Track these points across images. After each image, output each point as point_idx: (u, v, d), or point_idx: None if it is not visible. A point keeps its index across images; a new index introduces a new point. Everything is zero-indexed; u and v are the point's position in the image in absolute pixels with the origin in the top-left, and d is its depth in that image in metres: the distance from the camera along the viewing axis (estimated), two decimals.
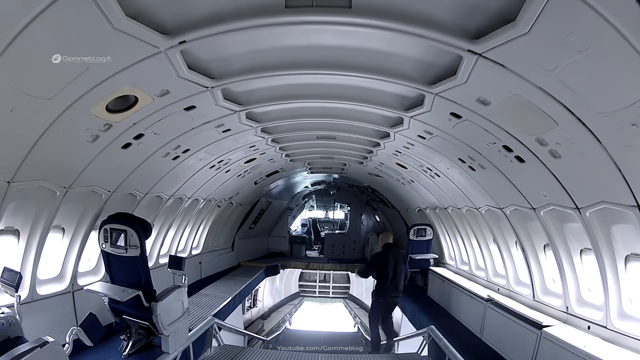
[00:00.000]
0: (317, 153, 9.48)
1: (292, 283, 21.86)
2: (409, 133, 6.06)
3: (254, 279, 11.90)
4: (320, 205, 27.21)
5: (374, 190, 14.51)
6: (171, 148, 6.06)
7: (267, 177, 11.53)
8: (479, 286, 8.20)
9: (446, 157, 6.41)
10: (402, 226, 13.96)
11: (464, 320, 8.00)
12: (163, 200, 7.69)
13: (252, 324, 16.07)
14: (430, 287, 10.17)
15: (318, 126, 6.87)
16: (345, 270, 16.75)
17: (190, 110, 5.00)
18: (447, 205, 8.99)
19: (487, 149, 5.26)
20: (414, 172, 8.43)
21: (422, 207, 10.95)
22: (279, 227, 17.53)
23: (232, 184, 10.02)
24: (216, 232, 11.78)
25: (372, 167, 10.20)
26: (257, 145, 7.61)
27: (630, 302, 4.55)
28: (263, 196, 14.14)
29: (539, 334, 5.47)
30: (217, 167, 8.06)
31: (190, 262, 10.17)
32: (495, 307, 6.88)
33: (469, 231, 8.77)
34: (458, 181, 7.24)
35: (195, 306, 8.33)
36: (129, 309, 5.70)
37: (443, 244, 10.68)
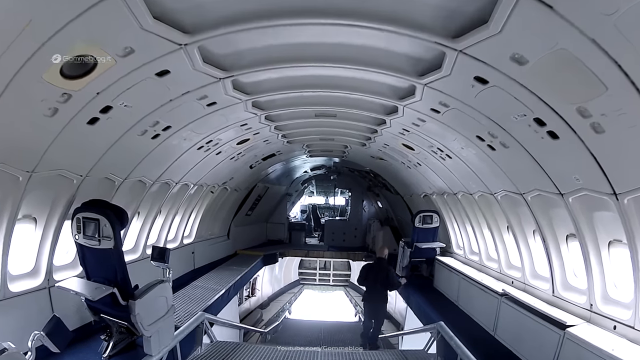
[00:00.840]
0: (317, 134, 8.72)
1: (291, 271, 21.36)
2: (420, 106, 5.28)
3: (250, 268, 11.31)
4: (320, 191, 26.47)
5: (377, 175, 13.79)
6: (148, 125, 5.31)
7: (264, 161, 10.79)
8: (490, 278, 7.56)
9: (462, 134, 5.65)
10: (405, 213, 13.29)
11: (474, 315, 7.39)
12: (146, 186, 6.98)
13: (251, 314, 15.59)
14: (437, 278, 9.56)
15: (317, 100, 6.09)
16: (346, 258, 16.20)
17: (164, 76, 4.23)
18: (457, 191, 8.26)
19: (513, 124, 4.52)
20: (422, 153, 7.67)
21: (428, 192, 10.24)
22: (277, 214, 16.89)
23: (224, 168, 9.29)
24: (210, 219, 11.12)
25: (376, 150, 9.45)
26: (250, 123, 6.85)
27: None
28: (260, 181, 13.42)
29: (562, 335, 4.91)
30: (206, 148, 7.32)
31: (182, 252, 9.56)
32: (510, 302, 6.28)
33: (480, 219, 8.08)
34: (473, 163, 6.50)
35: (185, 300, 7.74)
36: (105, 308, 5.15)
37: (450, 232, 10.01)
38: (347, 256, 15.65)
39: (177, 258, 9.21)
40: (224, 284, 9.00)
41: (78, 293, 4.81)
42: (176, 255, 9.19)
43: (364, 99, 5.86)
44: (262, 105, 6.15)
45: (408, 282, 9.90)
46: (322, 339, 12.27)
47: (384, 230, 14.75)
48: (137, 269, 7.44)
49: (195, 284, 8.93)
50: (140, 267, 7.58)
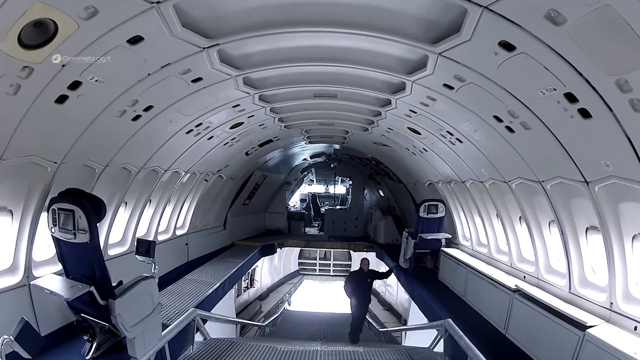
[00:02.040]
0: (316, 117, 8.14)
1: (291, 261, 21.00)
2: (431, 81, 4.70)
3: (247, 260, 10.85)
4: (320, 179, 25.86)
5: (379, 162, 13.24)
6: (127, 104, 4.76)
7: (260, 147, 10.23)
8: (500, 272, 7.09)
9: (477, 115, 5.09)
10: (409, 202, 12.77)
11: (483, 311, 6.94)
12: (132, 174, 6.44)
13: (249, 306, 15.24)
14: (442, 271, 9.09)
15: (316, 77, 5.51)
16: (346, 248, 15.77)
17: (137, 43, 3.65)
18: (466, 178, 7.72)
19: (539, 101, 3.97)
20: (429, 138, 7.11)
21: (433, 180, 9.70)
22: (276, 203, 16.40)
23: (218, 154, 8.74)
24: (205, 209, 10.60)
25: (378, 135, 8.88)
26: (242, 104, 6.27)
27: None
28: (257, 169, 12.88)
29: (582, 336, 4.52)
30: (196, 132, 6.75)
31: (175, 244, 9.08)
32: (524, 299, 5.84)
33: (490, 209, 7.57)
34: (486, 148, 5.95)
35: (177, 296, 7.29)
36: (85, 307, 4.74)
37: (456, 222, 9.50)
38: (348, 246, 15.21)
39: (169, 250, 8.76)
40: (219, 277, 8.54)
41: (52, 292, 4.39)
42: (168, 248, 8.73)
43: (367, 76, 5.28)
44: (254, 83, 5.56)
45: (412, 275, 9.46)
46: (322, 332, 11.91)
47: (386, 219, 14.27)
48: (126, 263, 7.01)
49: (189, 277, 8.48)
50: (129, 261, 7.10)
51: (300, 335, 11.45)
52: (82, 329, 5.08)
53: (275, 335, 11.49)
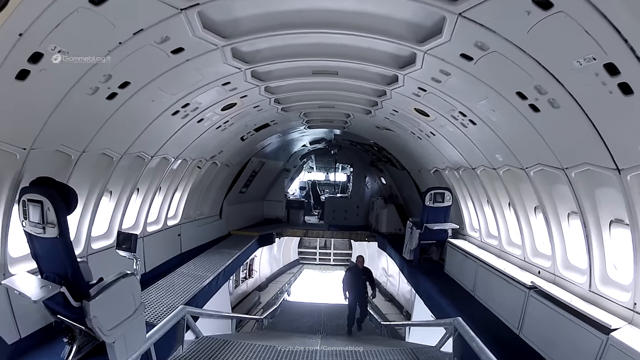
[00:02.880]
0: (315, 99, 7.53)
1: (291, 250, 20.62)
2: (447, 51, 4.09)
3: (243, 251, 10.38)
4: (320, 167, 25.14)
5: (381, 148, 12.65)
6: (98, 80, 4.17)
7: (257, 132, 9.63)
8: (512, 267, 6.61)
9: (496, 91, 4.49)
10: (412, 190, 12.24)
11: (494, 308, 6.47)
12: (114, 160, 5.89)
13: (248, 297, 14.89)
14: (449, 263, 8.61)
15: (314, 50, 4.88)
16: (347, 238, 15.31)
17: (101, 4, 3.04)
18: (476, 165, 7.15)
19: (574, 73, 3.40)
20: (439, 120, 6.51)
21: (440, 167, 9.13)
22: (274, 191, 15.87)
23: (211, 139, 8.16)
24: (199, 198, 10.07)
25: (382, 118, 8.28)
26: (233, 82, 5.66)
27: None
28: (254, 156, 12.30)
29: (605, 340, 4.09)
30: (184, 113, 6.16)
31: (166, 236, 8.58)
32: (540, 297, 5.36)
33: (502, 198, 7.04)
34: (504, 130, 5.37)
35: (166, 291, 6.82)
36: (60, 309, 4.33)
37: (464, 212, 8.97)
38: (349, 236, 14.74)
39: (160, 242, 8.27)
40: (213, 270, 8.08)
41: (21, 293, 3.97)
42: (159, 239, 8.24)
43: (372, 47, 4.67)
44: (245, 57, 4.94)
45: (417, 267, 8.99)
46: (322, 324, 11.53)
47: (388, 208, 13.76)
48: (111, 257, 6.51)
49: (181, 270, 8.00)
50: (115, 256, 6.59)
51: (300, 328, 11.08)
52: (62, 330, 4.67)
53: (273, 328, 11.12)
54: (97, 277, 4.52)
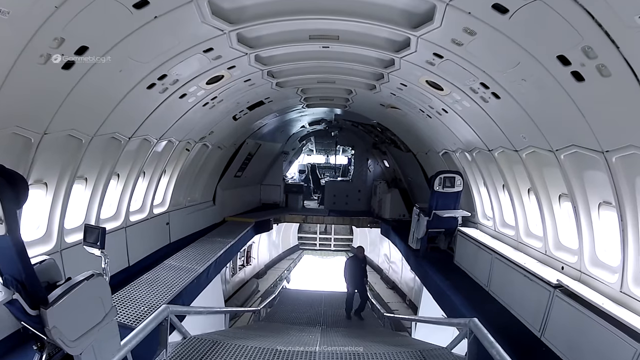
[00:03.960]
0: (314, 71, 6.71)
1: (290, 236, 20.06)
2: (475, 2, 3.26)
3: (238, 239, 9.73)
4: (320, 149, 24.19)
5: (385, 129, 11.83)
6: (49, 45, 3.40)
7: (250, 111, 8.81)
8: (532, 260, 5.95)
9: (532, 55, 3.69)
10: (418, 174, 11.48)
11: (513, 307, 5.84)
12: (83, 143, 5.13)
13: (246, 285, 14.39)
14: (459, 253, 7.95)
15: (311, 5, 4.03)
16: (348, 224, 14.69)
17: None
18: (494, 146, 6.37)
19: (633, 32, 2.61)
20: (454, 93, 5.71)
21: (450, 149, 8.35)
22: (272, 175, 15.13)
23: (198, 118, 7.37)
24: (189, 183, 9.33)
25: (387, 94, 7.45)
26: (217, 48, 4.83)
27: None
28: (249, 137, 11.49)
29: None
30: (162, 87, 5.35)
31: (152, 225, 7.87)
32: (567, 298, 4.71)
33: (522, 183, 6.31)
34: (534, 105, 4.58)
35: (150, 288, 6.16)
36: (21, 315, 3.62)
37: (476, 198, 8.24)
38: (351, 222, 14.10)
39: (145, 232, 7.58)
40: (203, 262, 7.42)
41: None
42: (144, 229, 7.55)
43: (380, 3, 3.82)
44: (228, 16, 4.11)
45: (424, 257, 8.35)
46: (322, 315, 11.00)
47: (392, 193, 13.04)
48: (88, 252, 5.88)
49: (168, 263, 7.33)
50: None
51: (299, 320, 10.54)
52: (30, 336, 4.08)
53: (271, 319, 10.59)
54: (72, 275, 3.88)
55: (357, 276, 9.10)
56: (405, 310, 13.44)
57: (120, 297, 5.78)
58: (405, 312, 13.30)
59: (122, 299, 5.77)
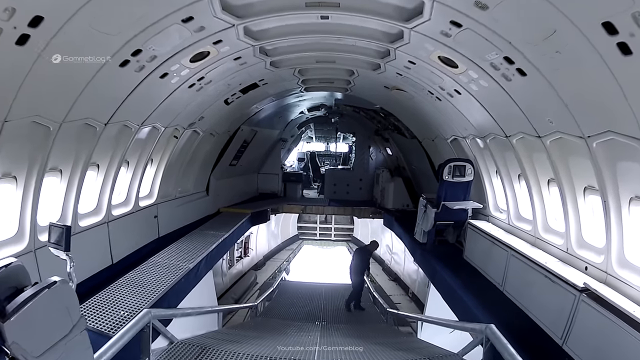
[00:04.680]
0: (311, 49, 6.02)
1: (289, 225, 19.55)
2: None
3: (232, 231, 9.17)
4: (320, 136, 23.34)
5: (388, 114, 11.14)
6: None
7: (244, 94, 8.13)
8: (551, 258, 5.36)
9: (572, 22, 3.02)
10: (423, 162, 10.84)
11: (532, 311, 5.27)
12: (51, 130, 4.52)
13: (244, 277, 13.93)
14: (469, 248, 7.37)
15: None
16: (349, 214, 14.12)
17: None
18: (513, 132, 5.72)
19: None
20: (470, 71, 5.03)
21: (460, 135, 7.70)
22: (269, 163, 14.50)
23: (184, 101, 6.71)
24: (179, 172, 8.72)
25: (393, 75, 6.76)
26: (198, 17, 4.15)
27: None
28: (245, 123, 10.82)
29: None
30: (137, 65, 4.68)
31: (138, 219, 7.29)
32: (594, 303, 4.14)
33: (543, 174, 5.69)
34: (566, 82, 3.93)
35: (132, 289, 5.59)
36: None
37: (487, 188, 7.62)
38: (352, 212, 13.54)
39: (130, 227, 7.01)
40: (192, 258, 6.86)
41: None
42: (128, 224, 6.97)
43: None
44: None
45: (431, 252, 7.79)
46: (322, 309, 10.55)
47: (395, 182, 12.42)
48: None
49: (155, 260, 6.76)
50: (75, 249, 5.41)
51: (297, 315, 10.09)
52: None
53: (269, 315, 10.14)
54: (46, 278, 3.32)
55: (360, 266, 9.42)
56: (408, 304, 13.01)
57: (99, 301, 5.24)
58: (408, 306, 12.86)
59: (100, 302, 5.22)
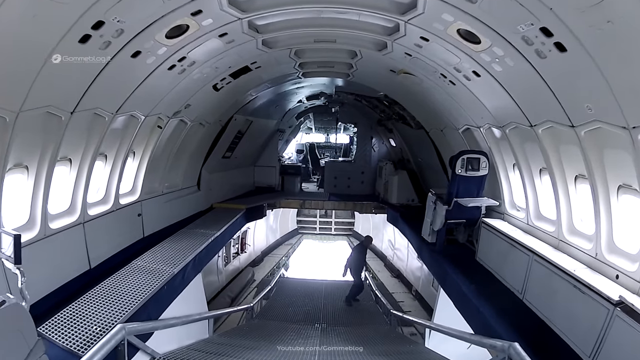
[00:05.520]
0: (309, 25, 5.27)
1: (289, 220, 18.92)
2: None
3: (225, 229, 8.49)
4: (320, 127, 22.40)
5: (392, 102, 10.37)
6: None
7: (235, 79, 7.37)
8: (578, 264, 4.69)
9: None
10: (429, 154, 10.12)
11: (556, 324, 4.64)
12: (7, 121, 3.83)
13: (241, 274, 13.36)
14: (483, 249, 6.69)
15: None
16: (351, 209, 13.44)
17: None
18: (540, 120, 4.98)
19: None
20: (496, 47, 4.29)
21: (475, 124, 6.96)
22: (266, 155, 13.74)
23: (165, 86, 5.97)
24: (166, 165, 7.99)
25: (401, 55, 6.00)
26: None
27: None
28: (238, 112, 10.05)
29: None
30: (102, 41, 3.94)
31: (118, 219, 6.58)
32: (629, 319, 3.54)
33: (570, 169, 4.98)
34: (616, 61, 3.19)
35: (106, 300, 4.92)
36: None
37: (503, 183, 6.90)
38: (353, 207, 12.83)
39: (110, 227, 6.33)
40: (177, 262, 6.18)
41: None
42: (109, 224, 6.30)
43: None
44: None
45: (441, 253, 7.12)
46: (323, 309, 9.96)
47: (400, 175, 11.70)
48: (38, 255, 4.74)
49: (136, 264, 6.06)
50: (41, 254, 4.82)
51: (296, 316, 9.50)
52: None
53: (266, 316, 9.54)
54: None
55: (357, 263, 9.81)
56: (411, 302, 12.44)
57: (70, 313, 4.58)
58: (411, 304, 12.28)
59: (72, 315, 4.55)
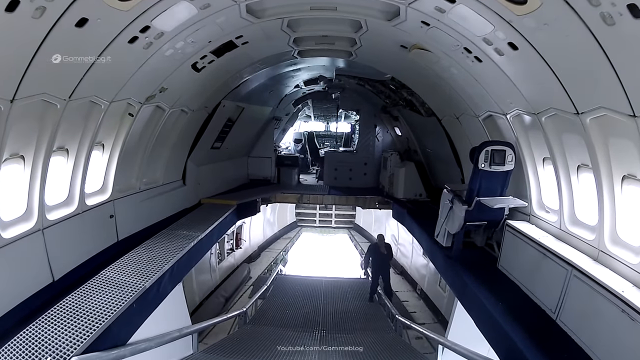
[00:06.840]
0: None
1: (287, 212, 18.07)
2: None
3: (210, 230, 7.55)
4: (319, 115, 21.13)
5: (400, 86, 9.35)
6: None
7: (219, 58, 6.34)
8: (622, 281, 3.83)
9: None
10: (441, 144, 9.13)
11: (597, 353, 3.77)
12: None
13: (236, 271, 12.58)
14: (506, 256, 5.77)
15: None
16: (352, 204, 12.52)
17: None
18: (589, 107, 3.98)
19: None
20: (547, 10, 3.29)
21: (500, 111, 5.95)
22: (261, 145, 12.76)
23: (130, 66, 4.98)
24: (142, 158, 7.02)
25: (416, 26, 4.99)
26: None
27: None
28: (227, 98, 9.01)
29: None
30: (35, 8, 2.95)
31: (86, 221, 5.66)
32: None
33: (618, 166, 4.03)
34: None
35: (65, 322, 4.04)
36: None
37: (531, 180, 5.91)
38: (355, 202, 11.88)
39: (76, 232, 5.43)
40: (152, 272, 5.30)
41: None
42: (74, 228, 5.39)
43: None
44: None
45: (458, 260, 6.22)
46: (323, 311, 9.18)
47: (407, 167, 10.72)
48: None
49: (105, 275, 5.15)
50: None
51: (294, 320, 8.71)
52: None
53: (259, 322, 8.73)
54: None
55: (384, 268, 9.91)
56: (416, 302, 11.70)
57: (21, 341, 3.74)
58: (416, 304, 11.55)
59: (23, 344, 3.71)
